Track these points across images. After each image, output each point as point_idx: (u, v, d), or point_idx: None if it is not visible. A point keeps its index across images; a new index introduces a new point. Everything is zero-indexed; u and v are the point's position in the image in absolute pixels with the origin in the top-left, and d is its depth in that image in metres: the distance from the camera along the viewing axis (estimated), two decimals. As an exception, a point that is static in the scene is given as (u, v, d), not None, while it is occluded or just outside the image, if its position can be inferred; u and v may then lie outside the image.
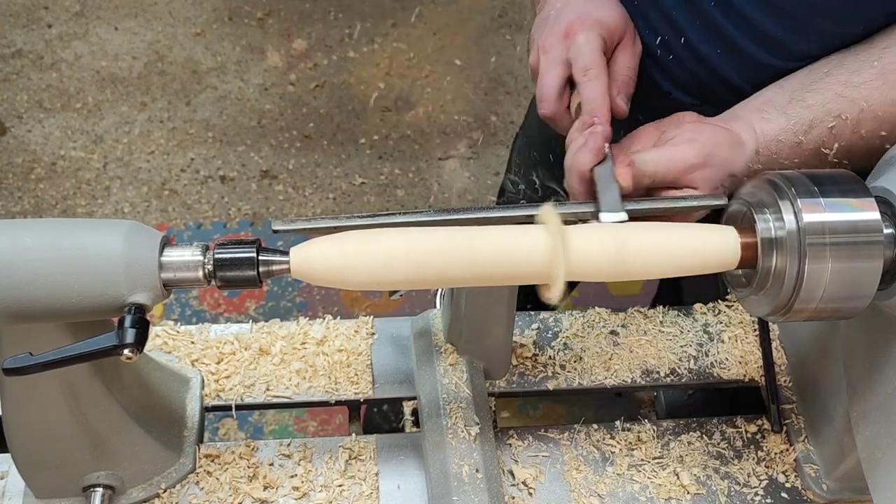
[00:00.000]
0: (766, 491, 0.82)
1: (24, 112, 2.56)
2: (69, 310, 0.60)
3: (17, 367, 0.58)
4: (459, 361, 0.85)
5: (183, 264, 0.62)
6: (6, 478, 0.80)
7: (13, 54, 2.70)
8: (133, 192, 2.37)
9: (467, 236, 0.62)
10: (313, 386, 0.87)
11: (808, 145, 0.76)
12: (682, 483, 0.81)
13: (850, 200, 0.61)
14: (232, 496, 0.79)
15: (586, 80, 0.78)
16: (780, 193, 0.62)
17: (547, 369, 0.89)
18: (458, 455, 0.77)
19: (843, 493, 0.81)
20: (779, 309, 0.63)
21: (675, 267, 0.63)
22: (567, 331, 0.92)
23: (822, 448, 0.82)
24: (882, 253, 0.61)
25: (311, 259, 0.62)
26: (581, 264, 0.62)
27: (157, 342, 0.89)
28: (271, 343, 0.90)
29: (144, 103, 2.59)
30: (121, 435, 0.74)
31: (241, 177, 2.42)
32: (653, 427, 0.86)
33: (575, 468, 0.82)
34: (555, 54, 0.81)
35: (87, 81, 2.64)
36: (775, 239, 0.62)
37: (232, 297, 2.10)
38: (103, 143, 2.49)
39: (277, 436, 1.79)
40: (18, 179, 2.39)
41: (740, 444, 0.85)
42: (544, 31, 0.82)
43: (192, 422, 0.83)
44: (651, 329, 0.92)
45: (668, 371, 0.89)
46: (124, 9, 2.83)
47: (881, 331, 0.69)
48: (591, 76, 0.78)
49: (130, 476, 0.77)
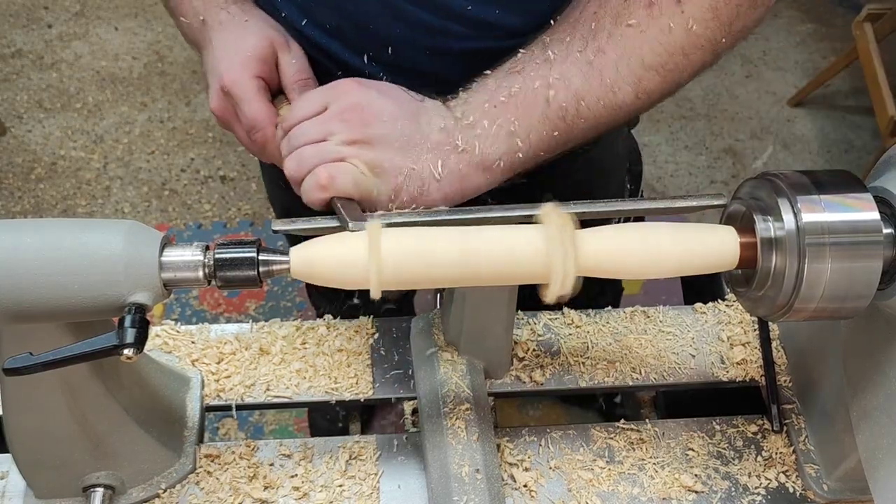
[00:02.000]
0: (767, 491, 0.82)
1: (24, 112, 2.56)
2: (69, 310, 0.60)
3: (17, 367, 0.58)
4: (459, 361, 0.85)
5: (183, 264, 0.62)
6: (6, 478, 0.80)
7: (13, 54, 2.70)
8: (133, 192, 2.37)
9: (468, 236, 0.63)
10: (313, 386, 0.87)
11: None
12: (683, 483, 0.82)
13: (849, 200, 0.61)
14: (232, 496, 0.79)
15: (257, 137, 0.80)
16: (780, 193, 0.62)
17: (547, 369, 0.89)
18: (458, 455, 0.77)
19: (844, 493, 0.81)
20: (779, 309, 0.63)
21: (675, 267, 0.64)
22: (567, 331, 0.92)
23: (822, 448, 0.82)
24: (881, 253, 0.61)
25: (311, 259, 0.62)
26: (582, 264, 0.62)
27: (157, 342, 0.89)
28: (271, 343, 0.90)
29: (144, 103, 2.59)
30: (121, 435, 0.74)
31: (241, 177, 2.42)
32: (653, 427, 0.86)
33: (575, 468, 0.82)
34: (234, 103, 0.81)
35: (87, 81, 2.64)
36: (775, 239, 0.62)
37: (232, 297, 2.10)
38: (103, 143, 2.49)
39: (277, 436, 1.79)
40: (18, 179, 2.39)
41: (740, 443, 0.85)
42: (209, 82, 0.82)
43: (192, 422, 0.83)
44: (651, 329, 0.93)
45: (668, 371, 0.89)
46: (124, 9, 2.83)
47: (881, 331, 0.69)
48: (257, 138, 0.80)
49: (130, 476, 0.77)
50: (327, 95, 0.75)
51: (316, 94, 0.76)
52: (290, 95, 0.82)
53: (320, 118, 0.74)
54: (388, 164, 0.72)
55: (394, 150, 0.72)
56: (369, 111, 0.73)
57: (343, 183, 0.71)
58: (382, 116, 0.73)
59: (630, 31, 0.70)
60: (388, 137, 0.72)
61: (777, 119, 2.62)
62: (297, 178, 0.74)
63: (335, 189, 0.71)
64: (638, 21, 0.70)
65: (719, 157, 2.51)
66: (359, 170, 0.71)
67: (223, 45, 0.81)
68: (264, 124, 0.79)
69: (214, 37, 0.82)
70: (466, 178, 0.74)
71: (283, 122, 0.77)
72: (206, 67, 0.83)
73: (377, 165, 0.72)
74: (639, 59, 0.71)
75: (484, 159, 0.73)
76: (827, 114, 2.65)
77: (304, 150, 0.73)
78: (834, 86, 2.67)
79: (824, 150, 2.54)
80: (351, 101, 0.73)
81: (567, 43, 0.73)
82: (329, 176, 0.71)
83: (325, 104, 0.74)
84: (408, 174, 0.72)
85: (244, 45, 0.81)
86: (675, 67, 0.72)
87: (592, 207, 0.72)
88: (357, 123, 0.72)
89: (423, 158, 0.73)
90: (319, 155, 0.72)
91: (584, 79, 0.71)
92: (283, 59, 0.83)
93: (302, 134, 0.74)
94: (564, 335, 0.92)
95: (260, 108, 0.80)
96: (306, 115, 0.74)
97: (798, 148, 2.54)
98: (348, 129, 0.72)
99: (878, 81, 2.21)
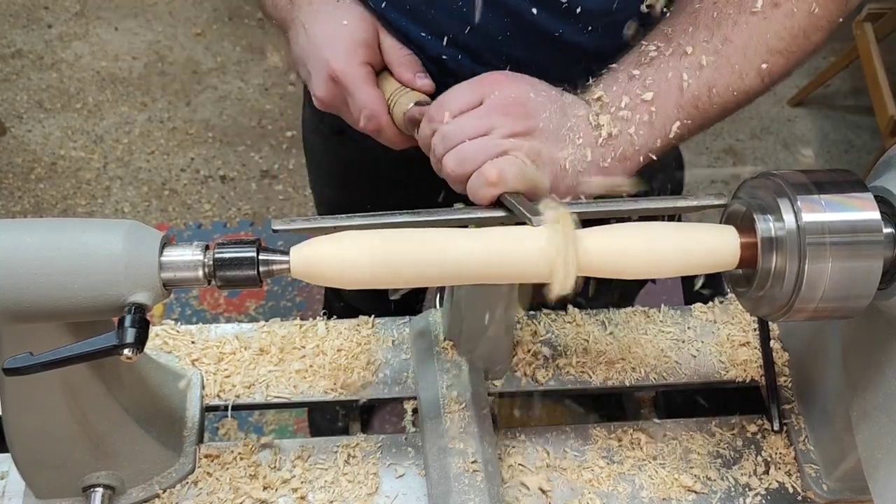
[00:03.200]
0: (766, 491, 0.82)
1: (24, 112, 2.56)
2: (69, 310, 0.60)
3: (17, 367, 0.58)
4: (459, 361, 0.85)
5: (183, 264, 0.62)
6: (6, 478, 0.80)
7: (13, 54, 2.70)
8: (133, 192, 2.37)
9: (468, 236, 0.63)
10: (313, 386, 0.87)
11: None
12: (683, 483, 0.81)
13: (849, 200, 0.61)
14: (232, 496, 0.79)
15: (370, 126, 0.80)
16: (780, 193, 0.62)
17: (547, 369, 0.89)
18: (458, 455, 0.77)
19: (843, 493, 0.81)
20: (779, 309, 0.63)
21: (675, 267, 0.64)
22: (567, 331, 0.92)
23: (822, 448, 0.82)
24: (882, 253, 0.61)
25: (311, 259, 0.62)
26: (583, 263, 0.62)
27: (157, 342, 0.89)
28: (271, 343, 0.90)
29: (144, 103, 2.59)
30: (121, 435, 0.74)
31: (241, 177, 2.42)
32: (653, 427, 0.86)
33: (575, 468, 0.82)
34: (344, 88, 0.80)
35: (87, 81, 2.64)
36: (775, 238, 0.62)
37: (232, 297, 2.10)
38: (103, 143, 2.49)
39: (277, 436, 1.79)
40: (18, 179, 2.39)
41: (740, 443, 0.85)
42: (311, 69, 0.81)
43: (192, 422, 0.83)
44: (651, 329, 0.92)
45: (668, 371, 0.89)
46: (124, 9, 2.83)
47: (881, 331, 0.69)
48: (371, 126, 0.80)
49: (130, 476, 0.77)
50: (480, 88, 0.74)
51: (465, 89, 0.75)
52: (397, 71, 0.82)
53: (478, 112, 0.73)
54: (546, 155, 0.72)
55: (551, 141, 0.73)
56: (530, 104, 0.73)
57: (512, 177, 0.70)
58: (540, 108, 0.73)
59: (754, 18, 0.72)
60: (546, 129, 0.73)
61: (777, 119, 2.62)
62: (461, 175, 0.72)
63: (505, 184, 0.70)
64: (761, 7, 0.72)
65: (719, 157, 2.50)
66: (524, 162, 0.71)
67: (322, 30, 0.81)
68: (379, 112, 0.79)
69: (306, 18, 0.81)
70: (608, 170, 0.74)
71: (432, 117, 0.74)
72: (298, 49, 0.82)
73: (538, 157, 0.72)
74: (764, 44, 0.73)
75: (625, 149, 0.74)
76: (827, 114, 2.65)
77: (466, 147, 0.72)
78: (834, 86, 2.67)
79: (824, 150, 2.54)
80: (510, 94, 0.73)
81: (691, 33, 0.74)
82: (499, 171, 0.70)
83: (480, 97, 0.73)
84: (562, 164, 0.73)
85: (346, 30, 0.80)
86: (798, 49, 0.74)
87: (592, 207, 0.72)
88: (518, 116, 0.72)
89: (572, 150, 0.73)
90: (483, 150, 0.71)
91: (713, 67, 0.73)
92: (384, 38, 0.82)
93: (461, 129, 0.72)
94: (565, 335, 0.92)
95: (372, 96, 0.79)
96: (461, 109, 0.73)
97: (798, 148, 2.54)
98: (512, 121, 0.72)
99: (878, 81, 2.21)
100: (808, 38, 0.74)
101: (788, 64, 0.74)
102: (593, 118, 0.74)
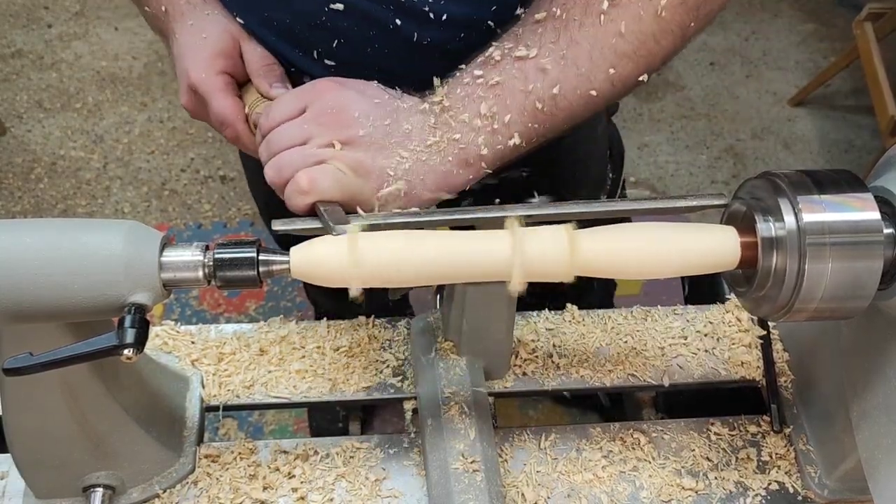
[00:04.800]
0: (767, 491, 0.82)
1: (24, 112, 2.56)
2: (69, 310, 0.60)
3: (17, 367, 0.58)
4: (459, 361, 0.85)
5: (183, 264, 0.62)
6: (6, 478, 0.80)
7: (13, 54, 2.70)
8: (133, 192, 2.37)
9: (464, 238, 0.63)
10: (313, 386, 0.87)
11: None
12: (683, 483, 0.81)
13: (850, 200, 0.61)
14: (232, 496, 0.79)
15: (227, 133, 0.81)
16: (780, 193, 0.62)
17: (547, 369, 0.89)
18: (458, 455, 0.77)
19: (844, 493, 0.81)
20: (779, 309, 0.63)
21: (675, 267, 0.64)
22: (567, 330, 0.92)
23: (822, 448, 0.82)
24: (882, 253, 0.61)
25: (311, 259, 0.62)
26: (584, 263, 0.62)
27: (157, 342, 0.89)
28: (271, 343, 0.90)
29: (144, 103, 2.59)
30: (121, 435, 0.74)
31: (241, 177, 2.42)
32: (653, 427, 0.86)
33: (575, 468, 0.82)
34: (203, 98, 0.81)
35: (87, 81, 2.64)
36: (775, 238, 0.62)
37: (232, 297, 2.10)
38: (103, 143, 2.49)
39: (277, 436, 1.80)
40: (18, 179, 2.39)
41: (740, 443, 0.85)
42: (178, 79, 0.82)
43: (192, 422, 0.83)
44: (651, 329, 0.92)
45: (668, 371, 0.89)
46: (124, 9, 2.83)
47: (881, 331, 0.69)
48: (228, 134, 0.80)
49: (130, 476, 0.77)
50: (305, 97, 0.74)
51: (293, 96, 0.75)
52: (257, 82, 0.82)
53: (298, 121, 0.73)
54: (370, 164, 0.71)
55: (375, 149, 0.72)
56: (349, 112, 0.72)
57: (325, 186, 0.70)
58: (362, 117, 0.72)
59: (600, 20, 0.70)
60: (369, 137, 0.72)
61: (777, 119, 2.62)
62: (279, 184, 0.72)
63: (317, 193, 0.70)
64: (607, 10, 0.70)
65: (720, 156, 2.50)
66: (341, 171, 0.71)
67: (185, 41, 0.81)
68: (232, 120, 0.80)
69: (177, 28, 0.82)
70: (449, 175, 0.73)
71: (261, 126, 0.75)
72: (173, 59, 0.83)
73: (359, 166, 0.71)
74: (611, 47, 0.71)
75: (466, 155, 0.72)
76: (827, 113, 2.64)
77: (284, 156, 0.72)
78: (834, 85, 2.66)
79: (825, 150, 2.54)
80: (329, 103, 0.72)
81: (539, 34, 0.72)
82: (310, 180, 0.70)
83: (304, 106, 0.73)
84: (391, 173, 0.72)
85: (206, 42, 0.80)
86: (648, 53, 0.72)
87: (591, 207, 0.72)
88: (336, 125, 0.72)
89: (405, 157, 0.72)
90: (300, 159, 0.71)
91: (559, 70, 0.71)
92: (245, 48, 0.82)
93: (280, 138, 0.73)
94: (565, 335, 0.92)
95: (226, 104, 0.79)
96: (284, 117, 0.73)
97: (798, 148, 2.54)
98: (328, 131, 0.71)
99: (878, 81, 2.21)
100: (657, 42, 0.71)
101: (639, 68, 0.72)
102: (431, 123, 0.73)
